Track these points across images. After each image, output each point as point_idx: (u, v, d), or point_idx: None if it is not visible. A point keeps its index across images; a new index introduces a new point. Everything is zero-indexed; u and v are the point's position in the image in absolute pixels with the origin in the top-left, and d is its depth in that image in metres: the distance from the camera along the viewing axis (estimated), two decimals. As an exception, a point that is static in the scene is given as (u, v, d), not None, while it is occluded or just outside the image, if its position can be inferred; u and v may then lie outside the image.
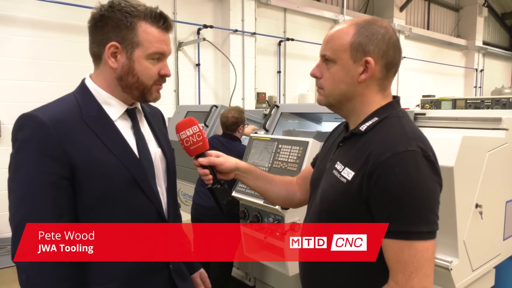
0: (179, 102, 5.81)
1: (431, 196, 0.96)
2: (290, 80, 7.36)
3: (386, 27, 1.08)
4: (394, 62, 1.09)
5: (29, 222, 1.01)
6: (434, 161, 0.99)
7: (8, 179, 1.06)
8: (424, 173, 0.95)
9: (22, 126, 1.04)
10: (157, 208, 1.19)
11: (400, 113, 1.09)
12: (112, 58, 1.12)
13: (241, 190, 2.58)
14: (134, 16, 1.10)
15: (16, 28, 4.37)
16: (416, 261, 0.92)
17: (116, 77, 1.14)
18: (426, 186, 0.95)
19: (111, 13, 1.10)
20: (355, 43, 1.04)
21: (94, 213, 1.09)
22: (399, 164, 0.94)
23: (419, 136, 1.01)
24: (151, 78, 1.16)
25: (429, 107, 5.61)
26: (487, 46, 12.45)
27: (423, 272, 0.93)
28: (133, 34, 1.10)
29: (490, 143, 1.93)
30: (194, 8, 5.93)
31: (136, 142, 1.18)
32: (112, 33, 1.10)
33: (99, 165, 1.07)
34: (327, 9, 8.01)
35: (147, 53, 1.13)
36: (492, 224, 2.03)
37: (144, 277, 1.18)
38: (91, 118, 1.11)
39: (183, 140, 1.27)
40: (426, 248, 0.93)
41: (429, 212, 0.95)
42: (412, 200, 0.93)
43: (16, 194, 1.03)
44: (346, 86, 1.08)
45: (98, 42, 1.13)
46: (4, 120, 4.28)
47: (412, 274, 0.92)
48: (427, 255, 0.93)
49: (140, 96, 1.18)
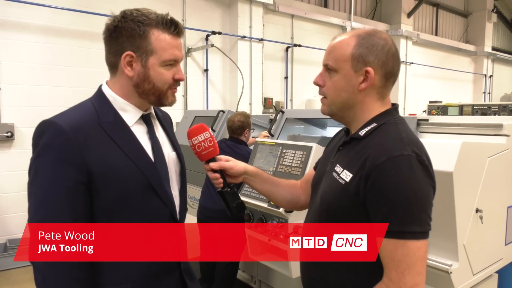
0: (187, 107, 5.89)
1: (424, 198, 1.00)
2: (297, 85, 7.40)
3: (386, 39, 1.14)
4: (393, 72, 1.15)
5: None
6: (428, 165, 1.04)
7: (28, 183, 1.10)
8: (417, 176, 1.00)
9: (43, 132, 1.09)
10: (171, 211, 1.23)
11: (398, 120, 1.14)
12: (128, 67, 1.16)
13: (246, 193, 2.64)
14: (146, 24, 1.14)
15: (30, 35, 4.49)
16: (408, 259, 0.97)
17: (133, 84, 1.18)
18: (419, 188, 1.00)
19: (125, 24, 1.14)
20: (356, 53, 1.10)
21: (110, 216, 1.13)
22: (394, 168, 0.99)
23: (414, 142, 1.07)
24: (166, 83, 1.19)
25: (436, 113, 5.61)
26: (496, 52, 12.36)
27: (415, 270, 0.98)
28: (147, 42, 1.14)
29: (491, 149, 1.96)
30: (202, 15, 6.02)
31: (151, 147, 1.22)
32: (127, 42, 1.14)
33: (116, 170, 1.11)
34: (335, 15, 8.05)
35: (161, 60, 1.16)
36: (493, 229, 2.05)
37: (157, 277, 1.21)
38: (108, 124, 1.15)
39: (195, 146, 1.31)
40: (418, 247, 0.98)
41: (422, 213, 0.99)
42: (405, 202, 0.98)
43: (35, 198, 1.08)
44: (347, 95, 1.13)
45: (114, 52, 1.17)
46: (18, 124, 4.39)
47: (404, 272, 0.97)
48: (419, 254, 0.98)
49: (156, 101, 1.22)
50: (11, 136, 4.31)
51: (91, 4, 4.83)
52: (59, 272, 1.06)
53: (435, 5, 11.01)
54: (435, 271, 1.77)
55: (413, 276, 0.97)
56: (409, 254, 0.97)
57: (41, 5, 4.46)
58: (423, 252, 0.99)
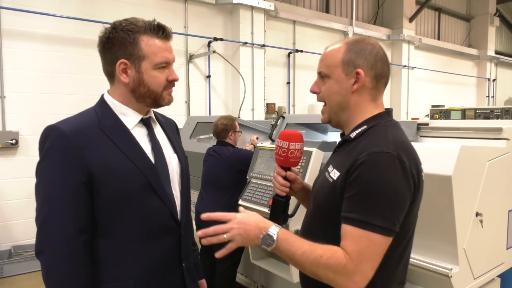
0: (190, 113, 5.92)
1: (393, 197, 1.01)
2: (300, 90, 7.42)
3: (373, 44, 1.19)
4: (383, 74, 1.19)
5: (50, 222, 1.11)
6: (408, 168, 1.04)
7: (35, 184, 1.17)
8: (392, 174, 1.02)
9: (47, 136, 1.16)
10: (170, 210, 1.28)
11: (388, 123, 1.17)
12: (123, 74, 1.23)
13: (247, 198, 2.65)
14: (135, 32, 1.21)
15: (35, 43, 4.55)
16: (370, 251, 1.00)
17: (130, 90, 1.25)
18: (391, 186, 1.01)
19: (115, 34, 1.21)
20: (346, 58, 1.17)
21: (111, 213, 1.18)
22: (371, 162, 1.03)
23: (400, 143, 1.09)
24: (161, 85, 1.26)
25: (438, 117, 5.60)
26: (499, 55, 12.33)
27: (373, 263, 1.01)
28: (138, 48, 1.21)
29: (490, 153, 1.96)
30: (204, 22, 6.08)
31: (151, 148, 1.28)
32: (119, 51, 1.21)
33: (116, 171, 1.17)
34: (336, 20, 8.08)
35: (153, 63, 1.23)
36: (494, 232, 2.04)
37: (159, 274, 1.26)
38: (108, 127, 1.22)
39: (289, 151, 1.33)
40: (379, 243, 1.00)
41: (387, 210, 1.01)
42: (373, 195, 1.01)
43: (40, 197, 1.15)
44: (341, 97, 1.19)
45: (109, 62, 1.24)
46: (22, 131, 4.44)
47: (364, 261, 1.00)
48: (378, 250, 1.01)
49: (153, 103, 1.29)
50: (15, 144, 4.36)
51: (95, 13, 4.90)
52: (62, 267, 1.11)
53: (437, 10, 11.03)
54: (435, 275, 1.77)
55: (369, 268, 1.00)
56: (371, 246, 1.00)
57: (46, 14, 4.53)
58: (382, 250, 1.01)
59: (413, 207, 1.09)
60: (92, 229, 1.17)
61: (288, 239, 1.06)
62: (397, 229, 1.02)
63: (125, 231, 1.20)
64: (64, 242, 1.11)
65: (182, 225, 1.33)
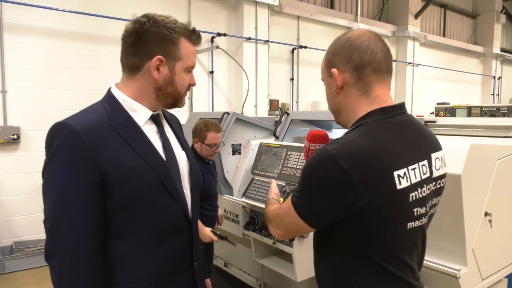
0: (192, 108, 5.89)
1: (307, 187, 1.09)
2: (303, 87, 7.37)
3: (349, 37, 1.16)
4: (363, 63, 1.12)
5: (61, 225, 1.07)
6: (342, 171, 1.00)
7: (43, 184, 1.12)
8: (316, 169, 1.06)
9: (56, 134, 1.10)
10: (182, 209, 1.26)
11: (374, 123, 1.09)
12: (155, 70, 1.20)
13: (251, 196, 2.62)
14: (177, 32, 1.21)
15: (36, 38, 4.52)
16: (287, 214, 1.16)
17: (155, 87, 1.22)
18: (311, 178, 1.07)
19: (157, 29, 1.18)
20: (326, 62, 1.21)
21: (123, 213, 1.14)
22: (312, 156, 1.11)
23: (351, 145, 1.03)
24: (185, 88, 1.28)
25: (443, 115, 5.54)
26: (505, 53, 12.22)
27: (286, 221, 1.18)
28: (177, 49, 1.21)
29: (500, 151, 1.92)
30: (208, 17, 6.03)
31: (162, 145, 1.26)
32: (158, 47, 1.19)
33: (129, 169, 1.13)
34: (341, 16, 8.01)
35: (185, 66, 1.24)
36: (503, 232, 2.00)
37: (172, 275, 1.24)
38: (119, 124, 1.17)
39: (310, 151, 1.44)
40: (292, 215, 1.13)
41: (299, 197, 1.11)
42: (300, 179, 1.12)
43: (50, 198, 1.09)
44: (332, 100, 1.22)
45: (140, 55, 1.19)
46: (24, 126, 4.41)
47: (286, 216, 1.17)
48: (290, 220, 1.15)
49: (173, 104, 1.29)
50: (17, 139, 4.33)
51: (97, 7, 4.85)
52: (73, 272, 1.07)
53: (443, 6, 10.92)
54: (444, 276, 1.74)
55: (287, 222, 1.17)
56: (288, 210, 1.15)
57: (48, 8, 4.49)
58: (295, 223, 1.13)
59: (367, 215, 1.03)
60: (104, 231, 1.13)
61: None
62: (302, 217, 1.10)
63: (138, 232, 1.16)
64: (76, 246, 1.07)
65: (193, 224, 1.30)
